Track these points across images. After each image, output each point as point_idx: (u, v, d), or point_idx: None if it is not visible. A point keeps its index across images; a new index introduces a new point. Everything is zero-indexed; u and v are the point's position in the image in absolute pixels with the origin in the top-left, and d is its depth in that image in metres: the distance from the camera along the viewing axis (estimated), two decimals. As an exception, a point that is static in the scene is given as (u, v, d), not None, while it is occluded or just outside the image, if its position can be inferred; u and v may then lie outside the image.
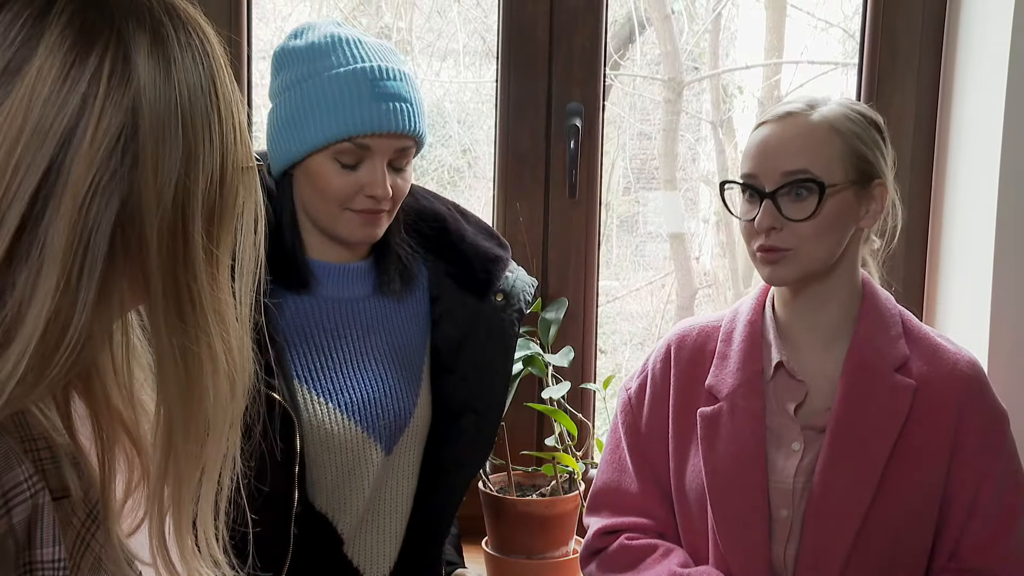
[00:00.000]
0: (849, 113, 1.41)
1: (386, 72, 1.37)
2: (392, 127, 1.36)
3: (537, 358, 1.93)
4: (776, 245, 1.39)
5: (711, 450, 1.45)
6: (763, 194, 1.39)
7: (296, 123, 1.37)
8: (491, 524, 1.93)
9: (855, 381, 1.41)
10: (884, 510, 1.37)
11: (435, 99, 3.25)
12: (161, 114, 0.73)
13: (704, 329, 1.54)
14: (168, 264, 0.75)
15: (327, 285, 1.45)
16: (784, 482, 1.41)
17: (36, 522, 0.74)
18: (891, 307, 1.47)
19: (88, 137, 0.71)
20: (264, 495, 1.33)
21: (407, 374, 1.49)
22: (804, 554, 1.39)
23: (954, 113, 1.98)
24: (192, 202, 0.75)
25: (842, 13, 3.01)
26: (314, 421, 1.39)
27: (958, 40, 1.97)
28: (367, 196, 1.37)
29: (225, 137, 0.78)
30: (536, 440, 2.11)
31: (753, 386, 1.44)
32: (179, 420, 0.79)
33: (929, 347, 1.44)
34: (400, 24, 3.25)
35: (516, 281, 1.54)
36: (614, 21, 3.07)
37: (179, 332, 0.77)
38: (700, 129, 3.43)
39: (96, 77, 0.71)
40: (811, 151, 1.38)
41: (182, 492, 0.80)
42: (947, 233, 2.00)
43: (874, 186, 1.42)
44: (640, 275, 3.59)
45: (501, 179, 2.10)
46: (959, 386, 1.41)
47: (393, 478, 1.49)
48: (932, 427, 1.39)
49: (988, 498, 1.39)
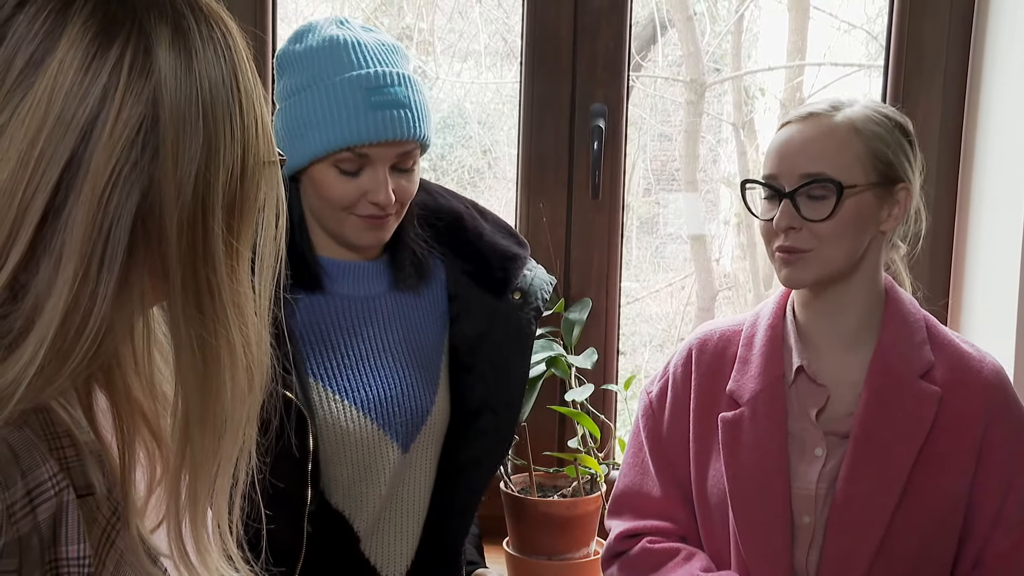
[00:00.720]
0: (873, 115, 1.40)
1: (385, 78, 1.36)
2: (391, 135, 1.35)
3: (560, 359, 1.93)
4: (795, 246, 1.38)
5: (733, 456, 1.44)
6: (782, 194, 1.38)
7: (297, 132, 1.37)
8: (512, 525, 1.93)
9: (879, 387, 1.40)
10: (908, 518, 1.36)
11: (456, 100, 3.25)
12: (182, 106, 0.74)
13: (725, 333, 1.54)
14: (188, 256, 0.75)
15: (341, 283, 1.45)
16: (807, 488, 1.40)
17: (61, 520, 0.74)
18: (915, 312, 1.46)
19: (108, 128, 0.71)
20: (277, 493, 1.33)
21: (424, 372, 1.49)
22: (827, 561, 1.38)
23: (981, 115, 1.97)
24: (212, 195, 0.76)
25: (865, 15, 3.00)
26: (329, 419, 1.40)
27: (985, 42, 1.96)
28: (370, 202, 1.38)
29: (247, 130, 0.79)
30: (558, 441, 2.11)
31: (774, 391, 1.44)
32: (196, 412, 0.79)
33: (954, 353, 1.43)
34: (422, 25, 3.25)
35: (534, 279, 1.54)
36: (636, 22, 3.07)
37: (198, 324, 0.77)
38: (721, 131, 3.42)
39: (117, 69, 0.72)
40: (831, 152, 1.37)
41: (198, 485, 0.81)
42: (973, 237, 1.99)
43: (898, 189, 1.40)
44: (660, 277, 3.58)
45: (524, 180, 2.10)
46: (985, 394, 1.40)
47: (410, 476, 1.49)
48: (957, 435, 1.38)
49: (1014, 507, 1.38)
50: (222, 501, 0.83)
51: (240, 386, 0.80)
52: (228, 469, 0.83)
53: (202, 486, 0.81)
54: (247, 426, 0.82)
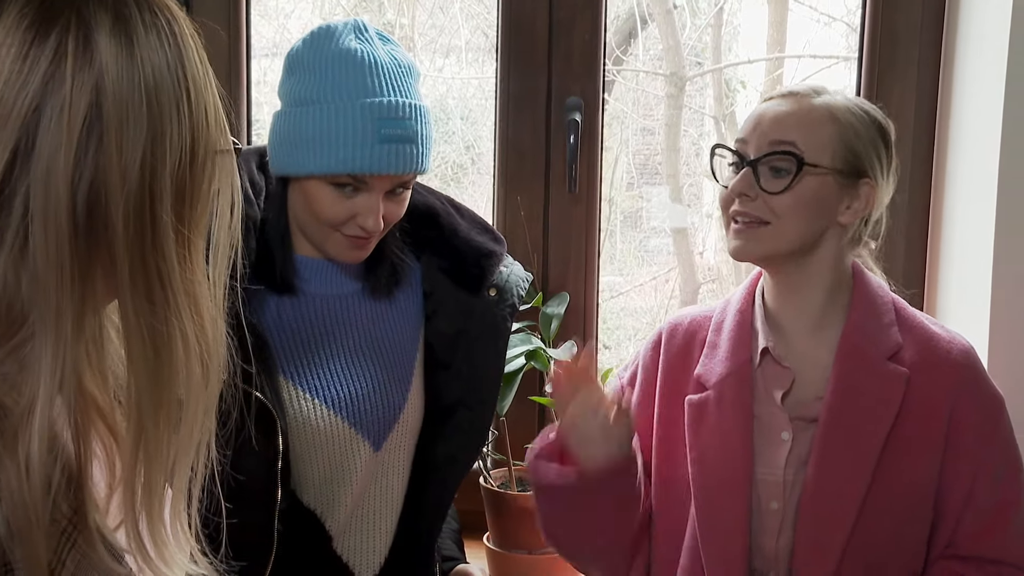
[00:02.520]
0: (852, 107, 1.41)
1: (399, 110, 1.34)
2: (394, 170, 1.35)
3: (540, 352, 1.93)
4: (747, 211, 1.38)
5: (696, 438, 1.43)
6: (746, 161, 1.39)
7: (298, 145, 1.35)
8: (492, 519, 1.93)
9: (847, 369, 1.39)
10: (880, 500, 1.36)
11: (438, 96, 3.25)
12: (124, 93, 0.73)
13: (696, 319, 1.53)
14: (136, 244, 0.75)
15: (314, 282, 1.45)
16: (773, 473, 1.40)
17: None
18: (883, 294, 1.45)
19: (55, 118, 0.71)
20: (246, 492, 1.33)
21: (396, 370, 1.49)
22: (799, 547, 1.37)
23: (954, 106, 1.98)
24: (159, 182, 0.75)
25: (845, 7, 3.01)
26: (300, 417, 1.39)
27: (957, 33, 1.97)
28: (358, 225, 1.37)
29: (195, 118, 0.78)
30: (537, 435, 2.11)
31: (741, 375, 1.43)
32: (149, 403, 0.78)
33: (923, 335, 1.42)
34: (403, 20, 3.25)
35: (510, 276, 1.54)
36: (616, 16, 3.07)
37: (148, 313, 0.76)
38: (703, 124, 3.43)
39: (57, 57, 0.72)
40: (802, 129, 1.37)
41: (153, 477, 0.79)
42: (947, 226, 2.00)
43: (861, 183, 1.40)
44: (644, 270, 3.59)
45: (501, 174, 2.10)
46: (954, 374, 1.39)
47: (384, 475, 1.48)
48: (926, 416, 1.37)
49: (984, 487, 1.37)
50: (179, 494, 0.82)
51: (195, 376, 0.79)
52: (185, 461, 0.82)
53: (157, 478, 0.80)
54: (204, 417, 0.81)
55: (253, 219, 1.39)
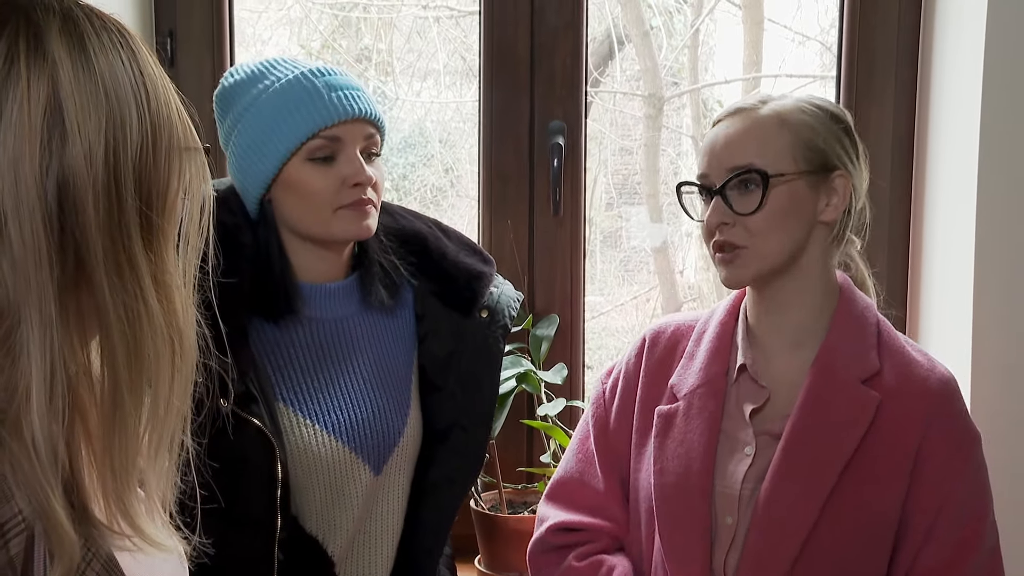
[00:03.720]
0: (803, 106, 1.39)
1: (326, 70, 1.40)
2: (354, 112, 1.38)
3: (531, 375, 1.94)
4: (729, 240, 1.37)
5: (661, 450, 1.42)
6: (712, 191, 1.38)
7: (262, 140, 1.38)
8: (483, 542, 1.93)
9: (817, 388, 1.37)
10: (833, 524, 1.32)
11: (416, 119, 3.25)
12: (81, 83, 0.77)
13: (680, 328, 1.53)
14: (105, 227, 0.78)
15: (311, 306, 1.45)
16: (731, 487, 1.37)
17: (31, 553, 0.75)
18: (869, 316, 1.42)
19: (16, 111, 0.74)
20: (246, 521, 1.33)
21: (395, 393, 1.49)
22: (745, 562, 1.34)
23: (931, 123, 2.01)
24: (123, 168, 0.79)
25: (819, 26, 3.04)
26: (300, 444, 1.39)
27: (933, 51, 2.00)
28: (352, 187, 1.38)
29: (156, 109, 0.82)
30: (527, 457, 2.12)
31: (713, 387, 1.42)
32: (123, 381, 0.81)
33: (902, 361, 1.39)
34: (380, 46, 3.26)
35: (501, 296, 1.55)
36: (593, 39, 3.09)
37: (120, 290, 0.79)
38: (681, 144, 3.45)
39: (11, 56, 0.75)
40: (756, 144, 1.36)
41: (128, 456, 0.82)
42: (928, 242, 2.02)
43: (833, 177, 1.38)
44: (625, 290, 3.60)
45: (485, 198, 2.11)
46: (927, 403, 1.35)
47: (384, 498, 1.48)
48: (894, 443, 1.34)
49: (947, 523, 1.33)
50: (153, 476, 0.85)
51: (163, 355, 0.83)
52: (158, 438, 0.84)
53: (132, 456, 0.82)
54: (173, 397, 0.84)
55: (247, 245, 1.40)
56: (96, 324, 0.81)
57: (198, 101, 0.89)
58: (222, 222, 1.33)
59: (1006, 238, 1.80)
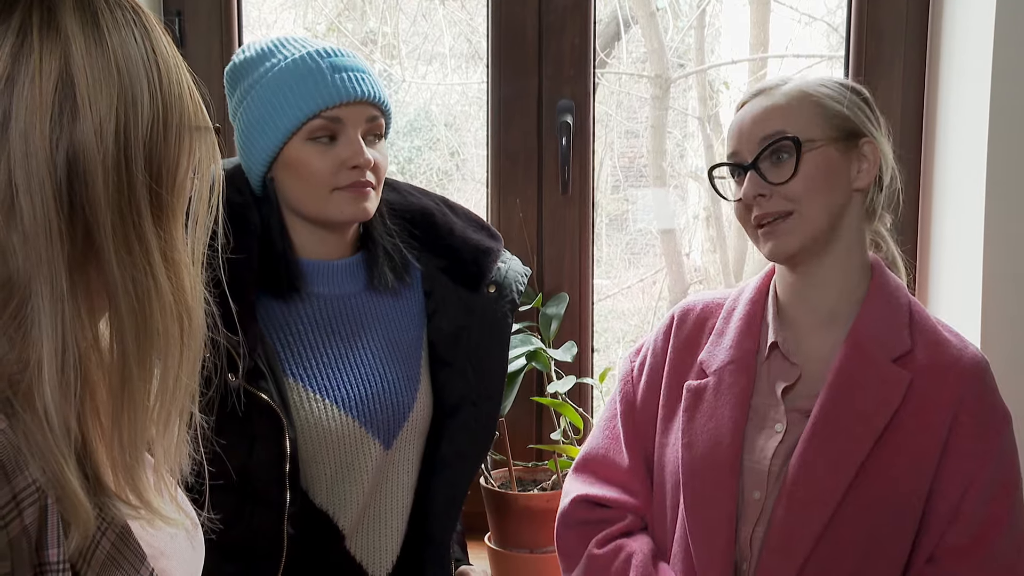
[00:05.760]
0: (824, 80, 1.42)
1: (333, 51, 1.40)
2: (357, 94, 1.38)
3: (541, 353, 1.95)
4: (769, 211, 1.37)
5: (690, 424, 1.43)
6: (746, 167, 1.39)
7: (265, 117, 1.38)
8: (493, 519, 1.94)
9: (849, 367, 1.37)
10: (860, 501, 1.33)
11: (422, 103, 3.26)
12: (93, 58, 0.78)
13: (708, 305, 1.53)
14: (115, 201, 0.79)
15: (317, 283, 1.46)
16: (760, 463, 1.38)
17: (44, 523, 0.76)
18: (900, 295, 1.43)
19: (28, 84, 0.75)
20: (256, 496, 1.34)
21: (405, 368, 1.50)
22: (771, 537, 1.35)
23: (940, 102, 2.01)
24: (134, 144, 0.79)
25: (825, 7, 3.04)
26: (311, 418, 1.40)
27: (942, 29, 1.99)
28: (351, 169, 1.38)
29: (167, 86, 0.82)
30: (536, 435, 2.13)
31: (744, 364, 1.43)
32: (133, 355, 0.82)
33: (934, 340, 1.39)
34: (385, 29, 3.26)
35: (508, 272, 1.55)
36: (600, 20, 3.09)
37: (128, 265, 0.80)
38: (687, 125, 3.45)
39: (23, 31, 0.76)
40: (785, 116, 1.38)
41: (137, 429, 0.83)
42: (936, 222, 2.02)
43: (862, 143, 1.39)
44: (631, 272, 3.60)
45: (494, 178, 2.11)
46: (958, 383, 1.35)
47: (394, 473, 1.49)
48: (924, 422, 1.34)
49: (974, 503, 1.33)
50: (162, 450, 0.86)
51: (171, 331, 0.83)
52: (167, 414, 0.85)
53: (141, 429, 0.83)
54: (181, 373, 0.85)
55: (254, 224, 1.40)
56: (105, 299, 0.82)
57: (206, 82, 0.89)
58: (230, 200, 1.34)
59: (1016, 216, 1.80)
